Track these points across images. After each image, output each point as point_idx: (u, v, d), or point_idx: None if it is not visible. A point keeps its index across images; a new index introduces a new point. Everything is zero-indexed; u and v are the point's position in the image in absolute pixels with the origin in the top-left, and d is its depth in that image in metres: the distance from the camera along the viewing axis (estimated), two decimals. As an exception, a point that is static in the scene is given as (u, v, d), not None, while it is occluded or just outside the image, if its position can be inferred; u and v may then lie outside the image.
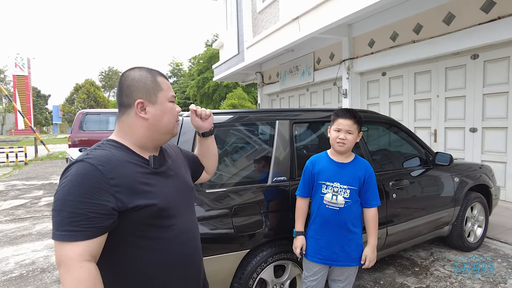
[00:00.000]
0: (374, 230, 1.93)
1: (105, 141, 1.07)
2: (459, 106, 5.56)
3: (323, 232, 1.91)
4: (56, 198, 0.92)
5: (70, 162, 1.00)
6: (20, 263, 3.55)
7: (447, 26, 5.34)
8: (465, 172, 3.46)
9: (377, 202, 1.94)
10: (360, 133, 1.94)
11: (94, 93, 34.13)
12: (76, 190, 0.91)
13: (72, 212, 0.89)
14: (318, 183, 1.93)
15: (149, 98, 1.07)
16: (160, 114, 1.09)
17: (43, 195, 6.91)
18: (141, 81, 1.07)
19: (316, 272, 1.95)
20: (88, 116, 8.65)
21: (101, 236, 0.93)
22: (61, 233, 0.88)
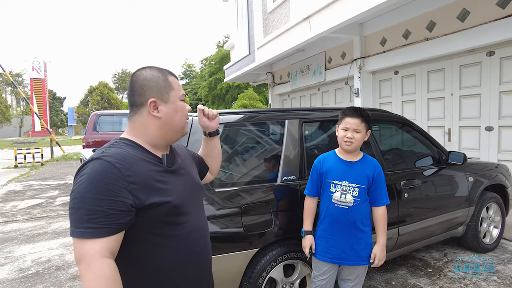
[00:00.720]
0: (383, 228, 1.91)
1: (118, 140, 1.07)
2: (474, 104, 5.44)
3: (332, 231, 1.90)
4: (74, 196, 0.92)
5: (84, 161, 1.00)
6: (37, 260, 3.64)
7: (462, 23, 5.24)
8: (480, 172, 3.39)
9: (386, 200, 1.92)
10: (368, 132, 1.92)
11: (107, 94, 34.69)
12: (94, 187, 0.90)
13: (91, 209, 0.89)
14: (327, 182, 1.92)
15: (161, 97, 1.08)
16: (172, 112, 1.09)
17: (58, 195, 7.07)
18: (153, 80, 1.08)
19: (325, 271, 1.94)
20: (102, 117, 8.80)
21: (120, 233, 0.93)
22: (80, 230, 0.88)
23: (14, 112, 45.10)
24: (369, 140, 2.65)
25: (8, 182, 8.87)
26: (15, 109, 46.29)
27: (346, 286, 1.96)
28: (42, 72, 35.93)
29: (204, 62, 32.00)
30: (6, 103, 39.48)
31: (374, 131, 2.93)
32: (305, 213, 2.02)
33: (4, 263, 3.59)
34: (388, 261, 3.19)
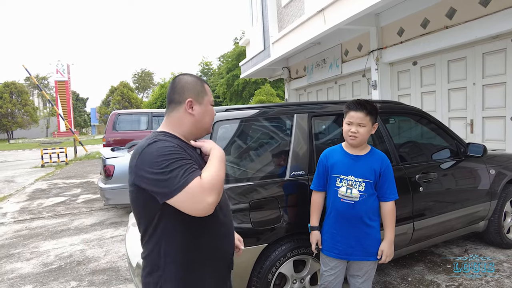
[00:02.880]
0: (391, 224, 1.86)
1: (157, 133, 1.21)
2: (499, 93, 5.20)
3: (338, 226, 1.88)
4: (163, 161, 1.05)
5: (142, 148, 1.11)
6: (59, 255, 3.79)
7: (484, 8, 5.00)
8: (503, 164, 3.24)
9: (394, 195, 1.86)
10: (375, 125, 1.87)
11: (127, 94, 35.50)
12: (167, 151, 1.08)
13: (179, 166, 1.06)
14: (332, 176, 1.89)
15: (197, 99, 1.27)
16: (203, 113, 1.28)
17: (81, 192, 7.31)
18: (192, 84, 1.28)
19: (333, 267, 1.92)
20: (121, 116, 9.01)
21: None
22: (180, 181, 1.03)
23: (41, 114, 46.92)
24: (382, 133, 2.58)
25: (35, 181, 9.25)
26: (42, 111, 48.16)
27: (355, 282, 1.92)
28: (66, 74, 37.11)
29: (221, 59, 32.12)
30: (33, 105, 41.14)
31: (389, 124, 2.85)
32: (312, 208, 2.00)
33: (30, 258, 3.75)
34: (404, 257, 3.12)
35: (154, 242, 1.16)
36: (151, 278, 1.17)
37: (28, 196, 7.21)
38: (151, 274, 1.17)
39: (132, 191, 1.14)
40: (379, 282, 2.77)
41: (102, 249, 3.93)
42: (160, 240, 1.15)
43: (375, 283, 2.76)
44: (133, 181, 1.11)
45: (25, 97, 38.90)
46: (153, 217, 1.13)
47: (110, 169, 5.05)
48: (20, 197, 7.15)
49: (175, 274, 1.15)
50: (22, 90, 39.22)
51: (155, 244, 1.16)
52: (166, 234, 1.14)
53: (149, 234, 1.17)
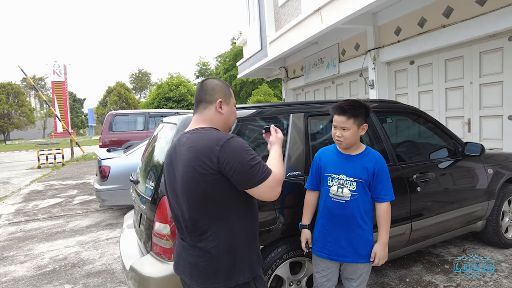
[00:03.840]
0: (386, 226, 1.80)
1: (207, 128, 1.36)
2: (496, 92, 5.19)
3: (329, 226, 1.85)
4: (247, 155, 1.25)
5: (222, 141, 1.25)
6: (54, 258, 3.74)
7: (481, 7, 4.99)
8: (501, 163, 3.22)
9: (390, 196, 1.81)
10: (364, 126, 1.81)
11: (125, 95, 35.38)
12: (247, 147, 1.29)
13: (256, 157, 1.28)
14: (324, 175, 1.88)
15: (225, 100, 1.44)
16: (230, 113, 1.46)
17: (77, 194, 7.26)
18: (222, 87, 1.45)
19: (324, 268, 1.89)
20: (117, 117, 8.94)
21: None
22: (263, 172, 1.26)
23: (38, 115, 46.68)
24: (379, 133, 2.55)
25: (31, 182, 9.19)
26: (39, 112, 47.91)
27: (350, 285, 1.88)
28: (63, 75, 36.98)
29: (218, 60, 32.08)
30: (30, 106, 40.93)
31: (386, 123, 2.83)
32: (304, 207, 1.99)
33: (24, 261, 3.70)
34: (402, 257, 3.09)
35: (223, 224, 1.30)
36: (227, 255, 1.30)
37: (23, 197, 7.15)
38: (229, 253, 1.31)
39: (205, 180, 1.24)
40: (377, 283, 2.75)
41: (98, 251, 3.89)
42: (228, 222, 1.31)
43: (372, 284, 2.73)
44: (218, 170, 1.23)
45: (21, 98, 38.71)
46: (222, 203, 1.29)
47: (105, 170, 5.00)
48: (15, 198, 7.08)
49: (243, 249, 1.34)
50: (19, 91, 39.02)
51: (224, 226, 1.31)
52: (231, 216, 1.31)
53: (215, 219, 1.29)
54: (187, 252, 1.37)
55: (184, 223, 1.35)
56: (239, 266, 1.31)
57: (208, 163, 1.23)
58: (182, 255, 1.40)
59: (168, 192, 1.45)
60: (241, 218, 1.34)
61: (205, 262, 1.30)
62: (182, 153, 1.32)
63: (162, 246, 1.93)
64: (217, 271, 1.29)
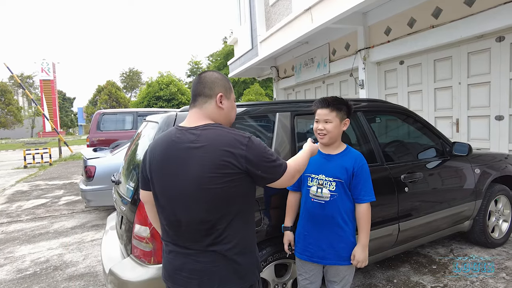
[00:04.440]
0: (366, 227, 1.76)
1: (215, 124, 1.29)
2: (483, 92, 5.22)
3: (310, 227, 1.82)
4: (268, 152, 1.28)
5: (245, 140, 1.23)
6: (35, 261, 3.63)
7: (469, 8, 5.01)
8: (488, 163, 3.22)
9: (369, 197, 1.77)
10: (346, 121, 1.81)
11: (115, 94, 34.99)
12: (264, 144, 1.30)
13: (272, 151, 1.32)
14: (304, 175, 1.85)
15: (226, 94, 1.36)
16: (231, 108, 1.39)
17: (63, 194, 7.11)
18: (222, 80, 1.36)
19: (307, 270, 1.86)
20: (105, 116, 8.81)
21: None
22: (280, 164, 1.30)
23: (26, 114, 45.86)
24: (367, 132, 2.52)
25: (17, 182, 8.98)
26: (27, 111, 47.07)
27: None
28: (51, 73, 36.37)
29: (210, 59, 31.93)
30: (17, 105, 40.19)
31: (374, 123, 2.80)
32: (286, 208, 1.95)
33: (4, 264, 3.59)
34: (390, 258, 3.07)
35: (238, 225, 1.26)
36: (243, 255, 1.27)
37: (7, 198, 6.97)
38: (243, 253, 1.27)
39: (229, 180, 1.19)
40: (364, 284, 2.72)
41: (82, 253, 3.79)
42: (243, 221, 1.28)
43: (360, 285, 2.70)
44: (245, 169, 1.20)
45: (8, 96, 37.99)
46: (241, 202, 1.26)
47: (91, 170, 4.90)
48: (-1, 199, 6.91)
49: (254, 248, 1.35)
50: (6, 89, 38.28)
51: (240, 226, 1.27)
52: (245, 215, 1.29)
53: (232, 220, 1.24)
54: (192, 260, 1.23)
55: (190, 228, 1.22)
56: (251, 266, 1.29)
57: (234, 162, 1.19)
58: (183, 265, 1.25)
59: (158, 195, 1.29)
60: (251, 216, 1.35)
61: (218, 266, 1.22)
62: (194, 151, 1.20)
63: (142, 249, 1.86)
64: (233, 274, 1.24)
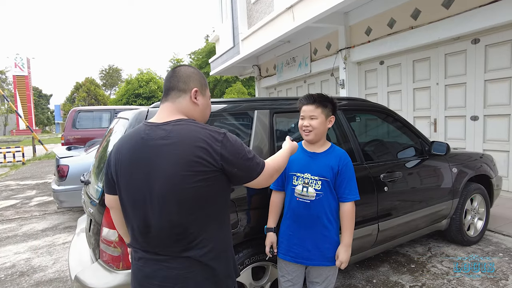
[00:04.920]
0: (350, 227, 1.74)
1: (189, 119, 1.21)
2: (460, 93, 5.34)
3: (295, 227, 1.77)
4: (244, 149, 1.21)
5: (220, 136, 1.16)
6: (0, 266, 3.42)
7: (446, 10, 5.10)
8: (464, 162, 3.26)
9: (354, 196, 1.74)
10: (331, 118, 1.79)
11: (94, 91, 34.07)
12: (240, 141, 1.23)
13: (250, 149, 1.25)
14: (289, 174, 1.80)
15: (201, 90, 1.29)
16: (205, 105, 1.32)
17: (36, 195, 6.80)
18: (198, 75, 1.29)
19: (289, 271, 1.81)
20: (81, 113, 8.50)
21: None
22: (261, 164, 1.25)
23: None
24: (346, 131, 2.48)
25: (-15, 182, 8.53)
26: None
27: None
28: (26, 69, 35.01)
29: (192, 57, 31.53)
30: (-11, 101, 38.47)
31: (354, 122, 2.77)
32: (270, 209, 1.88)
33: (-34, 270, 3.36)
34: (370, 257, 3.06)
35: (213, 228, 1.19)
36: (219, 260, 1.20)
37: (-26, 199, 6.60)
38: (219, 258, 1.20)
39: (203, 178, 1.12)
40: (344, 285, 2.68)
41: (52, 257, 3.60)
42: (217, 224, 1.21)
43: (340, 286, 2.67)
44: (220, 167, 1.13)
45: (-21, 92, 36.27)
46: (215, 203, 1.18)
47: (64, 170, 4.68)
48: (-36, 200, 6.53)
49: (231, 252, 1.28)
50: (-24, 85, 36.55)
51: (215, 230, 1.20)
52: (219, 217, 1.22)
53: (206, 223, 1.17)
54: (164, 267, 1.15)
55: (160, 233, 1.14)
56: (228, 272, 1.24)
57: (209, 159, 1.11)
58: (154, 272, 1.16)
59: (125, 199, 1.20)
60: (227, 218, 1.29)
61: (193, 272, 1.14)
62: (164, 148, 1.11)
63: (110, 254, 1.75)
64: (208, 280, 1.16)
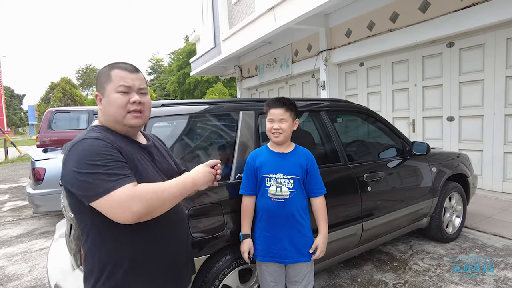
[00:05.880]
0: (324, 219, 1.88)
1: (92, 127, 1.17)
2: (436, 95, 5.51)
3: (271, 227, 1.81)
4: (78, 169, 0.99)
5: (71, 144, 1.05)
6: (-29, 275, 3.24)
7: (423, 14, 5.26)
8: (443, 162, 3.36)
9: (323, 190, 1.89)
10: (296, 121, 1.87)
11: (70, 91, 33.06)
12: (98, 151, 1.03)
13: (108, 165, 1.01)
14: (261, 177, 1.83)
15: (101, 91, 1.17)
16: (107, 104, 1.15)
17: (8, 199, 6.51)
18: (99, 76, 1.18)
19: (271, 272, 1.84)
20: (58, 114, 8.22)
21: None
22: (112, 183, 0.98)
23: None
24: (330, 132, 2.51)
25: (-47, 187, 8.10)
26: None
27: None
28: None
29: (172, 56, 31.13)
30: (-44, 101, 36.63)
31: (336, 123, 2.80)
32: (242, 215, 1.88)
33: None
34: (354, 257, 3.10)
35: (87, 247, 1.13)
36: (87, 284, 1.14)
37: None
38: (86, 280, 1.15)
39: (65, 192, 1.10)
40: (329, 284, 2.71)
41: (27, 264, 3.46)
42: (92, 245, 1.12)
43: (325, 286, 2.69)
44: (62, 182, 1.06)
45: None
46: (86, 221, 1.10)
47: (40, 173, 4.50)
48: None
49: (106, 281, 1.11)
50: None
51: (87, 250, 1.13)
52: (97, 239, 1.11)
53: (84, 239, 1.14)
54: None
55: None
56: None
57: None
58: None
59: None
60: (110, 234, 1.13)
61: None
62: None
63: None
64: None
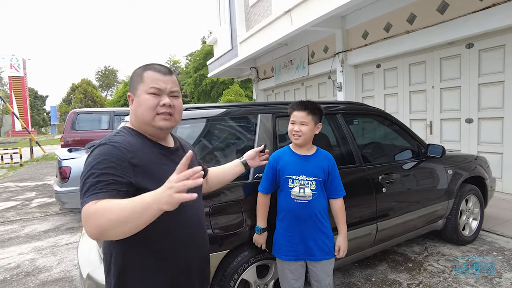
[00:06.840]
0: (344, 219, 1.95)
1: (122, 129, 1.20)
2: (455, 96, 5.46)
3: (294, 227, 1.87)
4: (84, 172, 1.05)
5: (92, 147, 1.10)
6: (5, 267, 3.47)
7: (441, 15, 5.23)
8: (459, 164, 3.36)
9: (343, 192, 1.95)
10: (319, 125, 1.92)
11: (91, 92, 33.99)
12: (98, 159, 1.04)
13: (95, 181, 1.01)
14: (284, 178, 1.89)
15: (134, 91, 1.19)
16: (137, 105, 1.17)
17: (35, 196, 6.83)
18: (132, 77, 1.21)
19: (292, 270, 1.91)
20: (80, 115, 8.53)
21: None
22: (84, 198, 0.98)
23: (-7, 112, 43.68)
24: (346, 134, 2.58)
25: (-17, 184, 8.54)
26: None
27: (323, 284, 1.90)
28: (22, 70, 34.87)
29: (189, 58, 31.54)
30: (-16, 102, 38.23)
31: (353, 125, 2.86)
32: (259, 211, 1.97)
33: (-29, 271, 3.40)
34: (369, 257, 3.15)
35: (104, 246, 1.21)
36: (108, 277, 1.19)
37: (-27, 201, 6.62)
38: (108, 274, 1.19)
39: None
40: (344, 283, 2.77)
41: (56, 258, 3.66)
42: (107, 244, 1.19)
43: (340, 284, 2.76)
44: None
45: (-26, 93, 36.05)
46: None
47: (66, 171, 4.73)
48: (-36, 202, 6.54)
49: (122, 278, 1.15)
50: (-29, 86, 36.32)
51: (105, 248, 1.20)
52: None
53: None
54: None
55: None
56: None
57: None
58: None
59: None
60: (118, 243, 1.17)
61: None
62: None
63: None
64: None
